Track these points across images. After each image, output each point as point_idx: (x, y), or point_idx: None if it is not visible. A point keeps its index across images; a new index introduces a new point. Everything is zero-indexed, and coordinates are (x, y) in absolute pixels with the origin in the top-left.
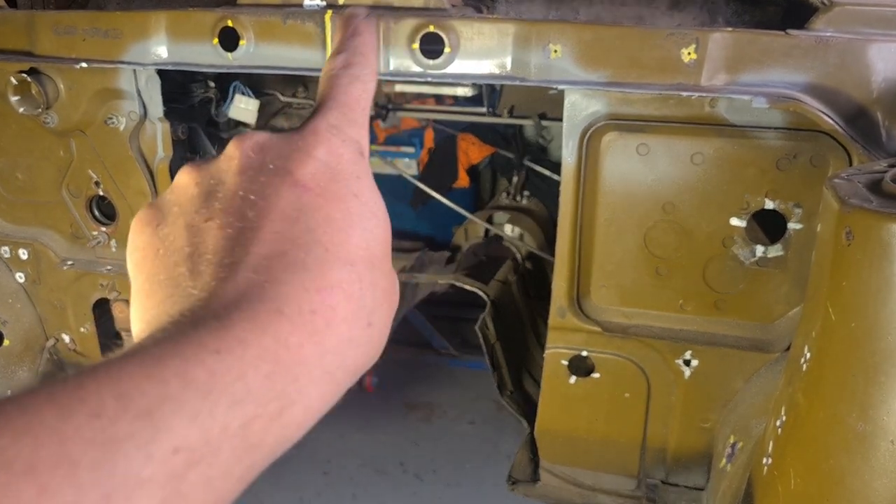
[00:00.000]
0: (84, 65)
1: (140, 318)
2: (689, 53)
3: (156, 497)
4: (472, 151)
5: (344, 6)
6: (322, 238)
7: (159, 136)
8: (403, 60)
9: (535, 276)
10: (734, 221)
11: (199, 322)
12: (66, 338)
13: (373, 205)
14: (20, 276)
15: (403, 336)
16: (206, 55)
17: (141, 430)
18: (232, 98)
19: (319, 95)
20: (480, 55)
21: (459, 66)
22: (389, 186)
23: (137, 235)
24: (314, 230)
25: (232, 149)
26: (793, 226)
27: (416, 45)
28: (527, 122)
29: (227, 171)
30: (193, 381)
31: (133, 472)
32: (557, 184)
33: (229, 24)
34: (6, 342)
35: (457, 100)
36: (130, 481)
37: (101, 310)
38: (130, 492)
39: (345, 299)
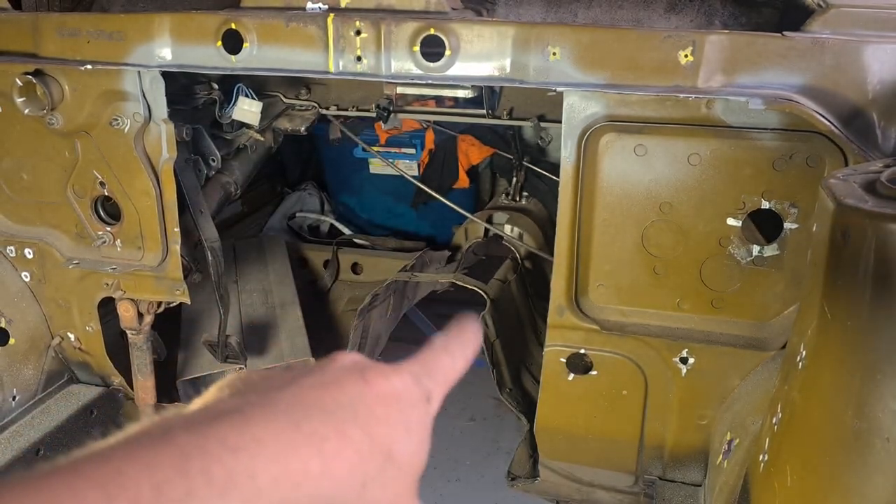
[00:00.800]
0: (89, 66)
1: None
2: (686, 55)
3: None
4: (471, 152)
5: (346, 9)
6: (358, 409)
7: (164, 138)
8: (404, 63)
9: (535, 275)
10: (731, 221)
11: (223, 415)
12: (72, 336)
13: (415, 433)
14: (26, 276)
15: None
16: (209, 57)
17: None
18: (235, 100)
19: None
20: (480, 58)
21: (460, 68)
22: (391, 187)
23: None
24: (355, 405)
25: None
26: (789, 225)
27: (417, 48)
28: (526, 124)
29: (308, 371)
30: (213, 479)
31: None
32: (556, 184)
33: (233, 26)
34: (11, 341)
35: (457, 101)
36: None
37: (106, 309)
38: None
39: (353, 452)
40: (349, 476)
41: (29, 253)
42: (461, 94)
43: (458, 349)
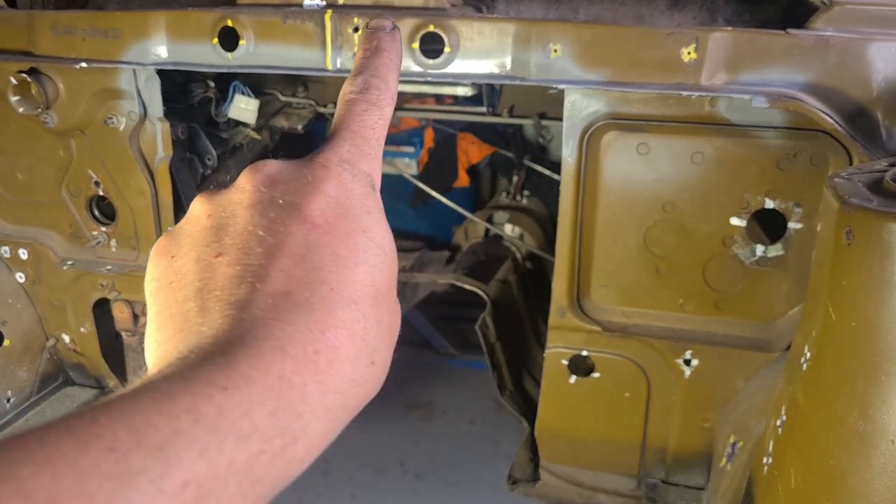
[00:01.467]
0: (84, 65)
1: (152, 350)
2: (689, 53)
3: None
4: (471, 151)
5: (344, 6)
6: (328, 277)
7: (159, 136)
8: (403, 60)
9: (535, 275)
10: (734, 221)
11: (206, 359)
12: (66, 338)
13: (380, 239)
14: (20, 276)
15: (403, 336)
16: (205, 55)
17: (153, 464)
18: (232, 98)
19: (335, 121)
20: (480, 55)
21: (459, 65)
22: (389, 186)
23: (154, 266)
24: (320, 268)
25: (244, 181)
26: (793, 225)
27: (417, 45)
28: (527, 122)
29: (239, 205)
30: (203, 417)
31: None
32: (557, 183)
33: (229, 23)
34: (6, 342)
35: (457, 99)
36: None
37: (101, 310)
38: None
39: (348, 339)
40: (353, 371)
41: (23, 253)
42: (461, 91)
43: (377, 86)
